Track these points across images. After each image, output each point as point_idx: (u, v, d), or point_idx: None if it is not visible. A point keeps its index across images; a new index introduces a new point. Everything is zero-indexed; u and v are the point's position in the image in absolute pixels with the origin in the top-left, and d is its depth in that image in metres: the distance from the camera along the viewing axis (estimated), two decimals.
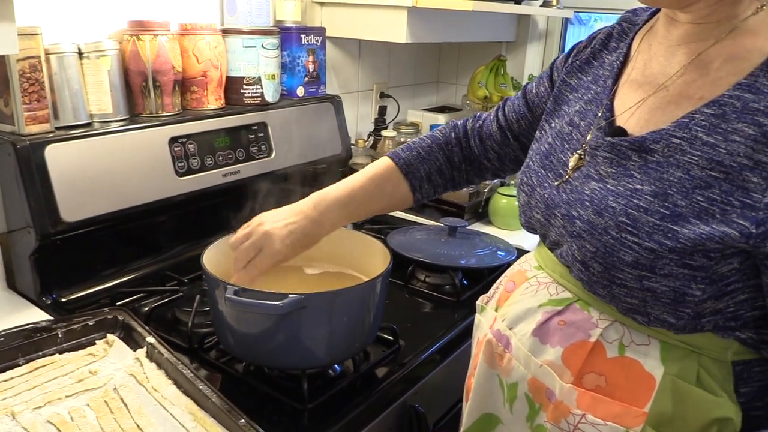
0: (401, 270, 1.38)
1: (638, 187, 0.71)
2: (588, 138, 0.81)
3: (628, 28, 0.88)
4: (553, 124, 0.90)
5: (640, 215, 0.70)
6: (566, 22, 2.32)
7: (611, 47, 0.89)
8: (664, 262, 0.68)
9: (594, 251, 0.74)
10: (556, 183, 0.82)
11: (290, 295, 0.87)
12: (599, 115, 0.81)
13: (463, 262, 1.41)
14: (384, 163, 1.06)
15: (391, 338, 1.13)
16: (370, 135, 2.11)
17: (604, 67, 0.87)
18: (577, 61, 0.92)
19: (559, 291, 0.83)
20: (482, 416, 0.95)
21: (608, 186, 0.75)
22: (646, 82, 0.79)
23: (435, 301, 1.34)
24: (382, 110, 2.12)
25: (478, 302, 1.01)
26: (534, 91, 1.01)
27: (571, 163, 0.81)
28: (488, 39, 2.17)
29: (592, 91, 0.86)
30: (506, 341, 0.87)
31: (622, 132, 0.78)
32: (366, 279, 1.07)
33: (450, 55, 2.41)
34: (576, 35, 2.36)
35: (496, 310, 0.93)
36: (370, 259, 1.09)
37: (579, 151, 0.81)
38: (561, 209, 0.80)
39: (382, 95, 2.15)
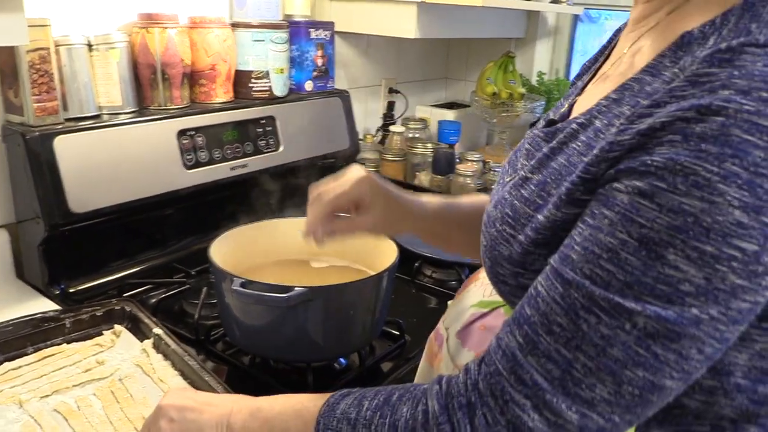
0: (408, 265, 1.38)
1: (529, 175, 0.64)
2: None
3: (625, 25, 0.79)
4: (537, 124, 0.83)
5: (520, 206, 0.63)
6: (576, 18, 2.31)
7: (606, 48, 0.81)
8: (534, 257, 0.61)
9: (485, 245, 0.68)
10: (508, 179, 0.73)
11: (296, 288, 0.87)
12: (561, 110, 0.74)
13: (468, 258, 1.40)
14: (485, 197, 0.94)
15: (397, 333, 1.13)
16: (378, 130, 2.11)
17: (599, 62, 0.79)
18: (587, 62, 0.85)
19: (493, 293, 0.76)
20: None
21: (514, 177, 0.68)
22: (608, 75, 0.70)
23: (441, 297, 1.34)
24: (391, 106, 2.12)
25: (449, 302, 0.93)
26: None
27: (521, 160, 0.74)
28: (497, 35, 2.16)
29: (575, 87, 0.79)
30: (441, 341, 0.82)
31: (552, 124, 0.70)
32: (371, 272, 1.07)
33: (459, 51, 2.40)
34: (586, 33, 2.35)
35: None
36: (377, 253, 1.09)
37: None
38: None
39: (391, 90, 2.15)
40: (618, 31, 0.79)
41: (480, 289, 0.80)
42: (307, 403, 0.66)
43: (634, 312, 0.49)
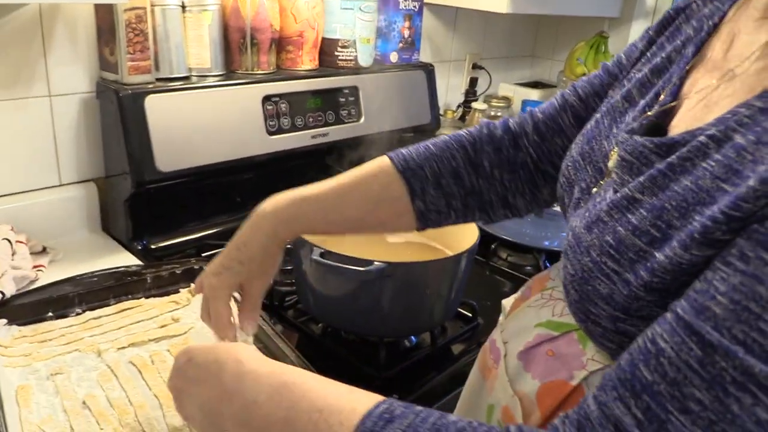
0: (483, 246, 1.35)
1: (638, 196, 0.52)
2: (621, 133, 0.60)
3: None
4: (612, 94, 0.69)
5: (627, 235, 0.51)
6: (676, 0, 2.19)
7: (715, 7, 0.63)
8: (642, 303, 0.49)
9: (573, 274, 0.56)
10: (593, 187, 0.61)
11: (376, 262, 0.86)
12: (660, 98, 0.60)
13: (547, 243, 1.36)
14: (377, 161, 0.79)
15: (470, 315, 1.11)
16: (459, 106, 2.07)
17: (697, 36, 0.62)
18: (671, 12, 0.69)
19: (565, 312, 0.64)
20: None
21: (616, 195, 0.55)
22: (720, 66, 0.57)
23: (516, 281, 1.31)
24: (473, 82, 2.07)
25: (503, 302, 0.85)
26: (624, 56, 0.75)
27: (610, 162, 0.60)
28: (591, 14, 2.07)
29: (665, 59, 0.64)
30: (497, 355, 0.70)
31: (659, 130, 0.57)
32: (449, 252, 1.05)
33: (548, 29, 2.32)
34: None
35: (506, 317, 0.77)
36: (455, 232, 1.07)
37: (616, 150, 0.59)
38: (575, 219, 0.61)
39: (475, 66, 2.10)
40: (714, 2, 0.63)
41: (548, 305, 0.68)
42: (333, 409, 0.52)
43: None
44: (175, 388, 0.64)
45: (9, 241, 1.09)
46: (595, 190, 0.60)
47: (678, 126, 0.56)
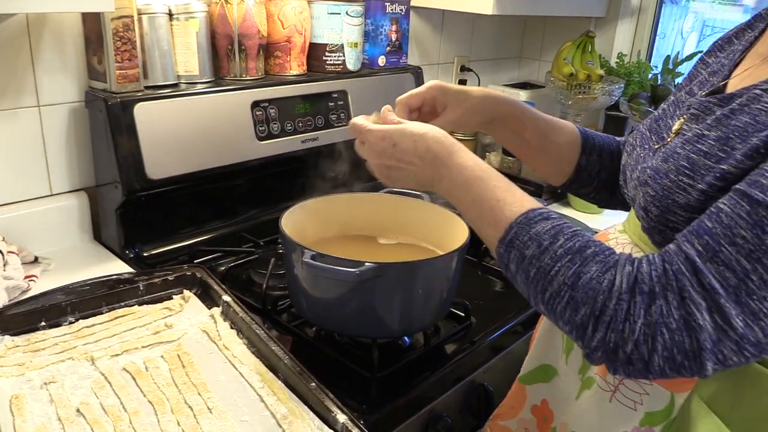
0: (474, 247, 1.35)
1: (706, 132, 0.70)
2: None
3: None
4: (677, 95, 0.87)
5: (699, 158, 0.68)
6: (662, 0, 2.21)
7: (755, 26, 0.84)
8: (714, 202, 0.64)
9: (653, 195, 0.72)
10: (656, 146, 0.80)
11: (367, 263, 0.86)
12: (715, 83, 0.78)
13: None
14: (568, 122, 1.05)
15: (462, 314, 1.12)
16: None
17: (741, 43, 0.83)
18: (720, 41, 0.89)
19: (635, 251, 0.81)
20: (540, 366, 0.95)
21: (684, 137, 0.73)
22: (763, 54, 0.75)
23: (508, 281, 1.31)
24: (462, 84, 2.08)
25: None
26: None
27: (675, 126, 0.78)
28: (577, 14, 2.08)
29: (720, 64, 0.83)
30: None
31: (719, 92, 0.75)
32: (440, 252, 1.06)
33: (535, 30, 2.33)
34: (667, 15, 2.24)
35: None
36: (446, 232, 1.07)
37: (684, 116, 0.78)
38: (644, 163, 0.79)
39: (463, 68, 2.11)
40: (766, 16, 0.82)
41: (617, 248, 0.80)
42: (507, 201, 0.73)
43: None
44: (384, 166, 0.83)
45: (0, 251, 1.09)
46: (657, 147, 0.79)
47: (731, 89, 0.74)
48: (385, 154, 0.82)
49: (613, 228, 0.92)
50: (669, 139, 0.78)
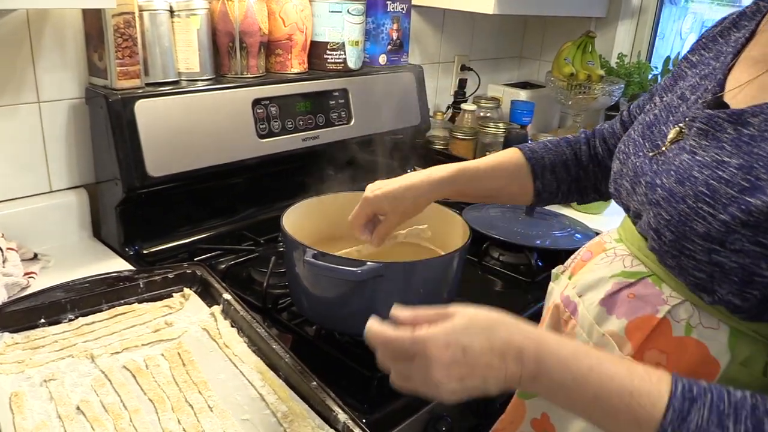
0: (475, 246, 1.36)
1: (725, 159, 0.68)
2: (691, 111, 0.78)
3: (764, 6, 0.83)
4: (664, 98, 0.86)
5: (720, 186, 0.66)
6: (662, 0, 2.21)
7: (741, 25, 0.84)
8: (736, 237, 0.64)
9: (668, 219, 0.71)
10: (651, 154, 0.79)
11: (368, 263, 0.86)
12: (708, 89, 0.78)
13: (539, 242, 1.37)
14: (510, 150, 1.04)
15: None
16: (448, 107, 2.07)
17: (729, 44, 0.83)
18: (704, 39, 0.88)
19: (634, 264, 0.81)
20: None
21: (696, 157, 0.71)
22: (764, 60, 0.74)
23: (508, 281, 1.32)
24: (462, 83, 2.08)
25: (554, 270, 0.98)
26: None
27: (671, 135, 0.78)
28: (577, 14, 2.08)
29: (710, 67, 0.82)
30: (573, 308, 0.86)
31: (723, 106, 0.74)
32: (441, 252, 1.06)
33: (535, 30, 2.33)
34: (666, 16, 2.24)
35: (569, 278, 0.91)
36: (447, 232, 1.07)
37: (681, 125, 0.77)
38: (647, 177, 0.78)
39: (463, 68, 2.11)
40: (753, 15, 0.81)
41: (617, 260, 0.83)
42: (642, 391, 0.59)
43: None
44: (456, 378, 0.63)
45: (0, 248, 1.09)
46: (651, 155, 0.78)
47: (735, 104, 0.72)
48: (456, 363, 0.63)
49: (608, 236, 0.91)
50: (664, 147, 0.77)
